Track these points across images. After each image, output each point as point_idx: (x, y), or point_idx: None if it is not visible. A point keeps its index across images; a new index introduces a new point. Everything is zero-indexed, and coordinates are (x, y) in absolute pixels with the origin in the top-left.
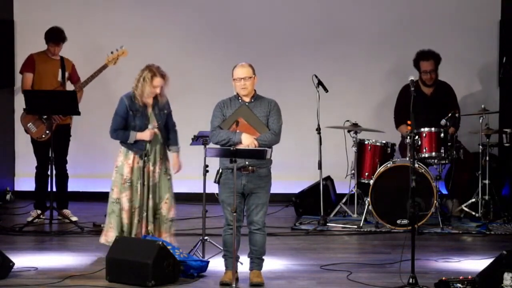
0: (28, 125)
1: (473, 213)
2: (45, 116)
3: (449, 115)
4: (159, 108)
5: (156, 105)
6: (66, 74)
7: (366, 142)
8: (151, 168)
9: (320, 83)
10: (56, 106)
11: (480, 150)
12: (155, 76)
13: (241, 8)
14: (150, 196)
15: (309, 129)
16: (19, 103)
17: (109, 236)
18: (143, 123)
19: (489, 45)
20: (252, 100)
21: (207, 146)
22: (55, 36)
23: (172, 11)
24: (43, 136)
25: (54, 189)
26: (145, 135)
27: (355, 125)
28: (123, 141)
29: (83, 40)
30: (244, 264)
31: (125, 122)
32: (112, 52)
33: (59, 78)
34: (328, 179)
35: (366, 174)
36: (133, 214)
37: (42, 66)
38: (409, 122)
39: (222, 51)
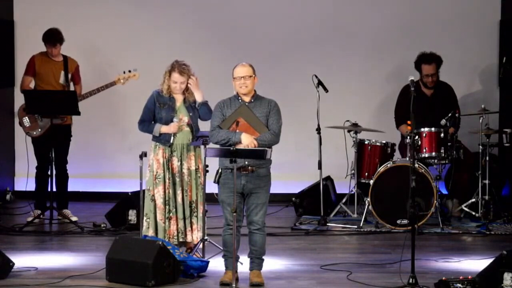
0: (24, 118)
1: (473, 213)
2: (40, 115)
3: (449, 115)
4: (190, 102)
5: (187, 99)
6: (69, 76)
7: (366, 142)
8: (177, 163)
9: (320, 83)
10: (56, 106)
11: (480, 150)
12: (173, 71)
13: (241, 8)
14: (178, 192)
15: (309, 129)
16: (19, 103)
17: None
18: (169, 115)
19: (489, 45)
20: (252, 100)
21: (207, 146)
22: (51, 37)
23: (171, 12)
24: (34, 133)
25: (54, 189)
26: (170, 128)
27: (355, 125)
28: (149, 133)
29: (83, 41)
30: (244, 264)
31: (153, 115)
32: (124, 72)
33: (61, 80)
34: (328, 179)
35: (366, 174)
36: (166, 211)
37: (43, 68)
38: (409, 122)
39: (222, 52)
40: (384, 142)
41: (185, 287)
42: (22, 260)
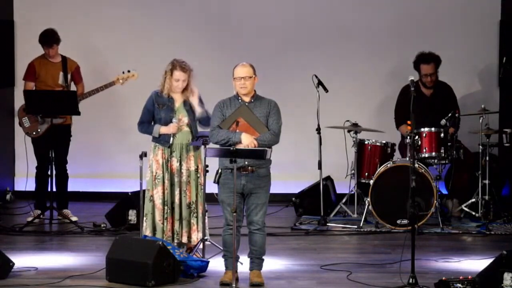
0: (23, 118)
1: (473, 213)
2: (40, 116)
3: (449, 115)
4: (190, 103)
5: (187, 101)
6: (69, 76)
7: (366, 142)
8: (177, 164)
9: (320, 83)
10: (56, 106)
11: (480, 150)
12: (175, 69)
13: (241, 8)
14: (176, 192)
15: (309, 129)
16: (19, 103)
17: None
18: (168, 116)
19: (489, 45)
20: (252, 100)
21: (207, 146)
22: (47, 39)
23: (171, 11)
24: (34, 133)
25: (54, 189)
26: (169, 129)
27: (355, 125)
28: (148, 134)
29: (83, 40)
30: (244, 264)
31: (152, 116)
32: (123, 72)
33: (60, 81)
34: (328, 179)
35: (366, 174)
36: (165, 211)
37: (43, 71)
38: (409, 122)
39: (222, 51)
40: (384, 142)
41: (185, 287)
42: (22, 260)
